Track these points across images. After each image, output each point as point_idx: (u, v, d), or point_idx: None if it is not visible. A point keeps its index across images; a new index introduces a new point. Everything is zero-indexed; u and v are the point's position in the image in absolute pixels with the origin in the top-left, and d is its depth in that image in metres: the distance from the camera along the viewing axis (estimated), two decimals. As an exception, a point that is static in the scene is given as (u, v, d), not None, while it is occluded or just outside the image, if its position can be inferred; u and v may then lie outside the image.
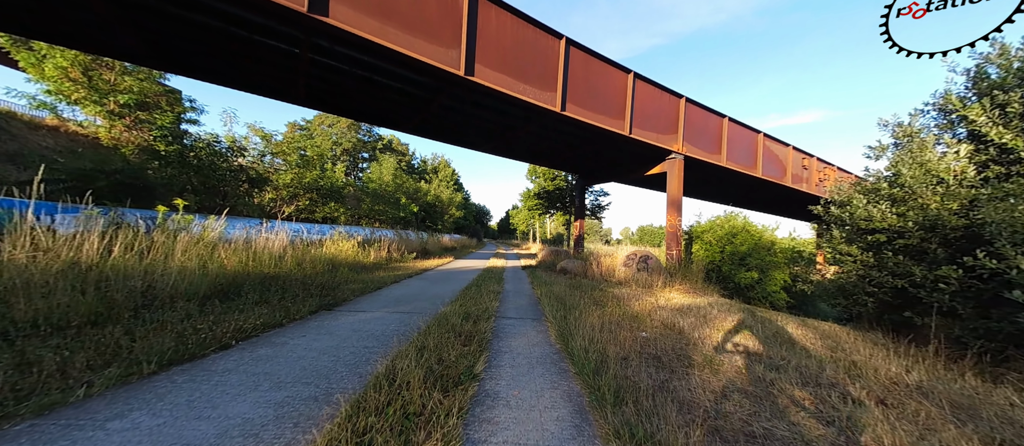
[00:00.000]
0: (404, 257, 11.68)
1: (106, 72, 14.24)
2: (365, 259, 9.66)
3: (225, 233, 8.03)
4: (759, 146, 12.78)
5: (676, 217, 10.17)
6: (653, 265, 8.65)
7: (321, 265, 7.05)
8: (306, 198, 15.14)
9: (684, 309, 5.47)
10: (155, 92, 15.15)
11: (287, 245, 7.64)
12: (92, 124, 14.97)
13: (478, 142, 11.16)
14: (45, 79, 12.88)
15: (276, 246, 7.54)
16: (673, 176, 10.19)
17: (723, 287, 9.71)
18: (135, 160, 9.88)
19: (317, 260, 7.32)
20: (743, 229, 12.27)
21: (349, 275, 7.09)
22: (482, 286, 6.82)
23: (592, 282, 8.26)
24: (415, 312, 4.56)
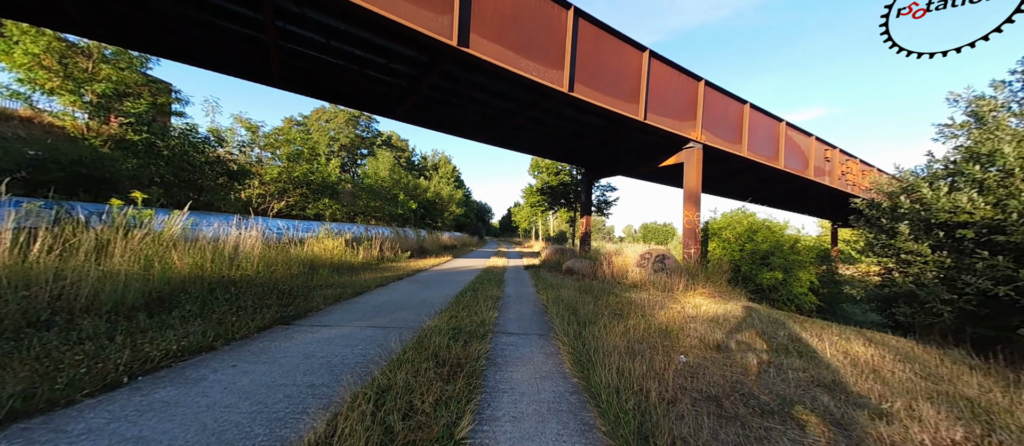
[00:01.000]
0: (398, 256, 10.84)
1: (82, 60, 13.44)
2: (353, 259, 8.81)
3: (191, 230, 7.21)
4: (781, 136, 11.83)
5: (694, 212, 9.25)
6: (671, 265, 7.75)
7: (296, 266, 6.20)
8: (296, 194, 14.31)
9: (719, 320, 4.58)
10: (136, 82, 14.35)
11: (261, 243, 6.79)
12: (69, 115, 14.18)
13: (475, 131, 10.27)
14: (16, 67, 12.08)
15: (249, 245, 6.71)
16: (691, 167, 9.27)
17: (744, 288, 8.79)
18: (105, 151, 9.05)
19: (293, 261, 6.47)
20: (764, 226, 11.36)
21: (328, 278, 6.24)
22: (479, 290, 5.95)
23: (603, 284, 7.37)
24: (394, 326, 3.69)
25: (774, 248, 10.54)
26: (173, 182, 8.85)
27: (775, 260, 10.37)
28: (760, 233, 11.17)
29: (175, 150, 8.79)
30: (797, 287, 10.29)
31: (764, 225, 11.41)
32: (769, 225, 11.44)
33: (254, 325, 3.37)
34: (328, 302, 4.64)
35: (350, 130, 35.28)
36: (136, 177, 8.54)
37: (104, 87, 12.77)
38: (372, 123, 40.64)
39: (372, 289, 5.87)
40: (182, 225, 6.53)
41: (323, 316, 4.01)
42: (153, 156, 8.37)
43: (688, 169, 9.32)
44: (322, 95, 8.00)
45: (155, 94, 15.43)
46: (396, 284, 6.56)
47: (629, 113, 7.74)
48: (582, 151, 12.04)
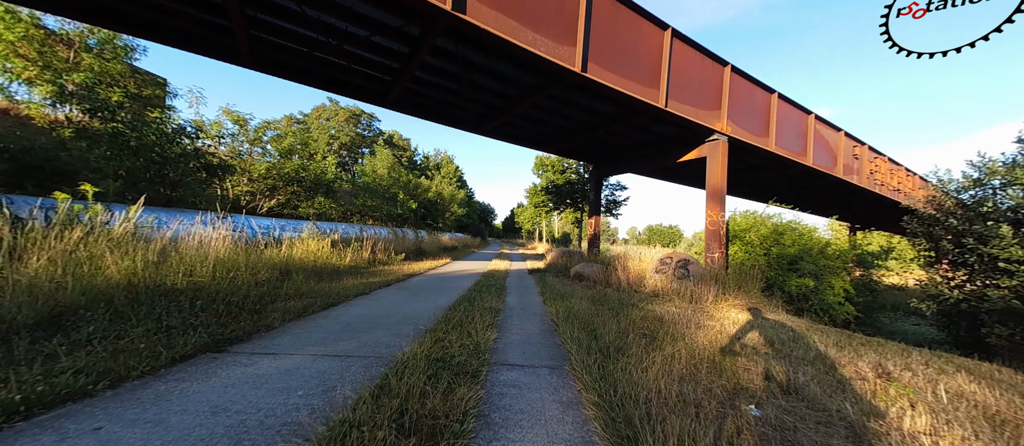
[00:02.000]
0: (391, 259, 9.98)
1: (62, 49, 12.75)
2: (339, 262, 7.96)
3: (155, 228, 6.40)
4: (810, 130, 10.87)
5: (718, 212, 8.32)
6: (696, 272, 6.83)
7: (265, 271, 5.35)
8: (286, 191, 13.50)
9: (774, 343, 3.66)
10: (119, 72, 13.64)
11: (229, 244, 5.96)
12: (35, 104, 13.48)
13: (475, 121, 9.39)
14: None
15: (215, 245, 5.89)
16: (715, 162, 8.33)
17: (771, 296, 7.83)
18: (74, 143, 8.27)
19: (264, 265, 5.61)
20: (790, 227, 10.42)
21: (302, 285, 5.38)
22: (477, 300, 5.06)
23: (619, 294, 6.46)
24: (359, 355, 2.81)
25: (803, 252, 9.59)
26: (143, 176, 8.05)
27: (805, 265, 9.40)
28: (787, 236, 10.24)
29: (143, 141, 7.98)
30: (830, 295, 9.30)
31: (790, 227, 10.49)
32: (796, 227, 10.51)
33: (170, 354, 2.51)
34: (289, 317, 3.77)
35: (351, 128, 34.54)
36: (101, 170, 7.74)
37: (84, 77, 12.05)
38: (374, 122, 39.95)
39: (351, 299, 4.99)
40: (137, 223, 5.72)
41: (273, 338, 3.14)
42: (119, 147, 7.56)
43: (711, 164, 8.38)
44: (300, 77, 7.16)
45: (140, 85, 14.72)
46: (382, 292, 5.68)
47: (649, 99, 6.83)
48: (592, 145, 11.13)
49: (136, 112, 9.86)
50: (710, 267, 7.61)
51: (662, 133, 9.47)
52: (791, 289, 9.22)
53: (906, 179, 16.86)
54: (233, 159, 12.71)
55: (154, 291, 3.69)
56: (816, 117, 11.13)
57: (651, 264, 7.45)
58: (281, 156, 14.43)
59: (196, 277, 4.48)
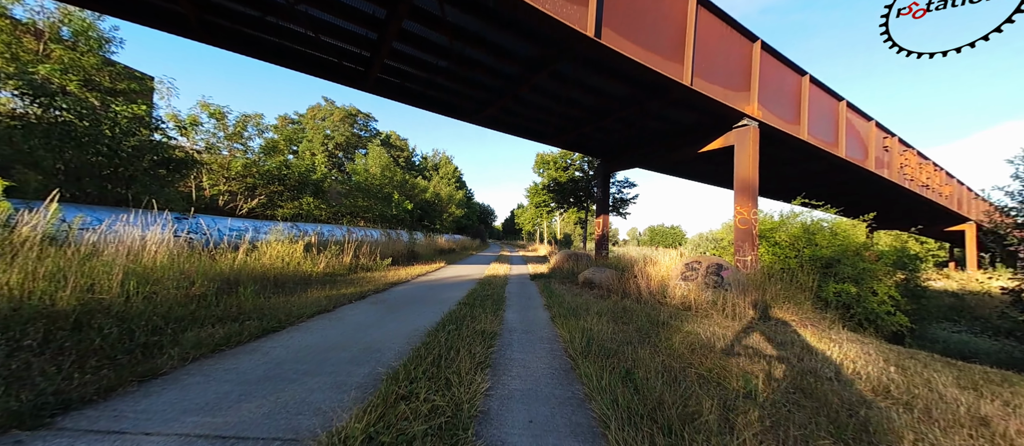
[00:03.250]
0: (377, 264, 8.89)
1: (29, 39, 11.71)
2: (311, 269, 6.87)
3: (80, 230, 5.31)
4: (841, 118, 9.79)
5: (749, 208, 7.23)
6: (733, 279, 5.72)
7: (203, 284, 4.25)
8: (268, 190, 12.43)
9: (885, 388, 2.56)
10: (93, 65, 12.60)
11: (165, 250, 4.88)
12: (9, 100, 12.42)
13: (468, 108, 8.31)
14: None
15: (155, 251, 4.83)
16: (745, 151, 7.25)
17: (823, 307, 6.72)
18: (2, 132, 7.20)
19: (203, 275, 4.52)
20: (821, 226, 9.34)
21: (248, 301, 4.28)
22: (467, 320, 3.97)
23: (641, 306, 5.36)
24: (252, 439, 1.71)
25: (839, 254, 8.48)
26: (92, 171, 6.99)
27: (843, 269, 8.26)
28: (820, 235, 9.15)
29: (94, 132, 6.92)
30: (873, 302, 8.17)
31: (822, 225, 9.41)
32: (830, 225, 9.42)
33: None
34: (200, 353, 2.68)
35: (346, 128, 33.46)
36: (38, 163, 6.68)
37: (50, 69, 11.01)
38: (371, 122, 38.92)
39: (304, 319, 3.90)
40: (55, 224, 4.67)
41: (145, 396, 2.04)
42: (58, 137, 6.50)
43: (741, 154, 7.30)
44: (262, 54, 6.08)
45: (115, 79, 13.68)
46: (349, 309, 4.58)
47: (672, 75, 5.75)
48: (599, 137, 10.03)
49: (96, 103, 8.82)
50: (747, 273, 6.51)
51: (680, 120, 8.39)
52: (828, 296, 8.09)
53: (934, 174, 15.78)
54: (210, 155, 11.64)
55: (21, 316, 2.59)
56: (847, 104, 10.05)
57: (674, 269, 6.35)
58: (263, 153, 13.37)
59: (98, 293, 3.38)
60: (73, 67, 12.14)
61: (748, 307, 4.95)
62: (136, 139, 7.97)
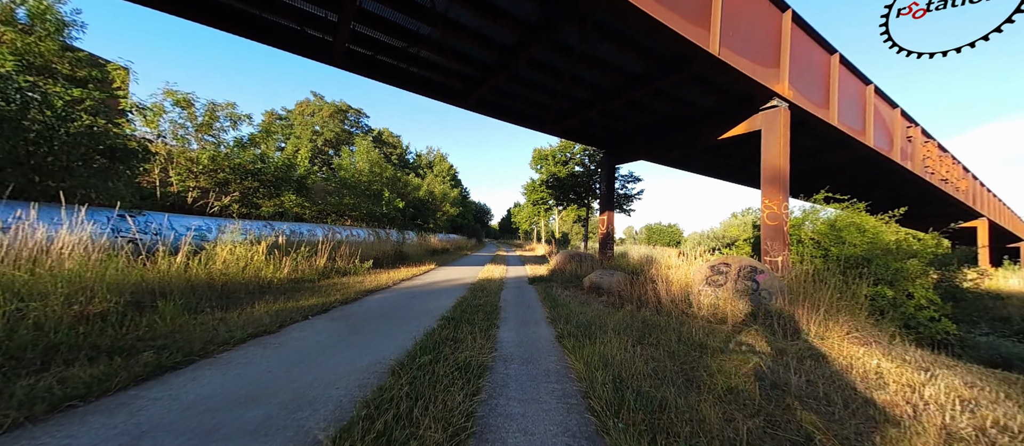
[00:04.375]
0: (356, 267, 7.89)
1: (-28, 21, 10.58)
2: (273, 275, 5.87)
3: None
4: (869, 103, 8.91)
5: (780, 201, 6.32)
6: (771, 286, 4.80)
7: (104, 299, 3.26)
8: (239, 186, 11.36)
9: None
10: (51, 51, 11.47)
11: (89, 252, 3.91)
12: None
13: (455, 89, 7.31)
14: None
15: (69, 254, 3.88)
16: (774, 137, 6.34)
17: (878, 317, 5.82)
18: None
19: (112, 287, 3.53)
20: (850, 222, 8.48)
21: (164, 322, 3.30)
22: (446, 348, 3.02)
23: (663, 318, 4.43)
24: None
25: (871, 253, 7.60)
26: (13, 160, 5.96)
27: (877, 269, 7.36)
28: (846, 231, 8.27)
29: (13, 115, 5.88)
30: (911, 307, 7.28)
31: (850, 221, 8.55)
32: (857, 220, 8.56)
33: None
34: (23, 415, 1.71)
35: (336, 124, 32.25)
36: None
37: (1, 57, 9.90)
38: (362, 118, 37.71)
39: (227, 347, 2.92)
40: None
41: None
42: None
43: (769, 139, 6.38)
44: (212, 19, 5.07)
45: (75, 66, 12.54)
46: (297, 329, 3.60)
47: (696, 40, 4.82)
48: (605, 123, 9.07)
49: (24, 84, 7.72)
50: (783, 276, 5.59)
51: (696, 103, 7.46)
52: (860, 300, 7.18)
53: (952, 167, 15.02)
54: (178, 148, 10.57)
55: None
56: (875, 89, 9.19)
57: (698, 273, 5.42)
58: (238, 146, 12.28)
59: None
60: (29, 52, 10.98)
61: (803, 322, 4.03)
62: (76, 125, 6.92)
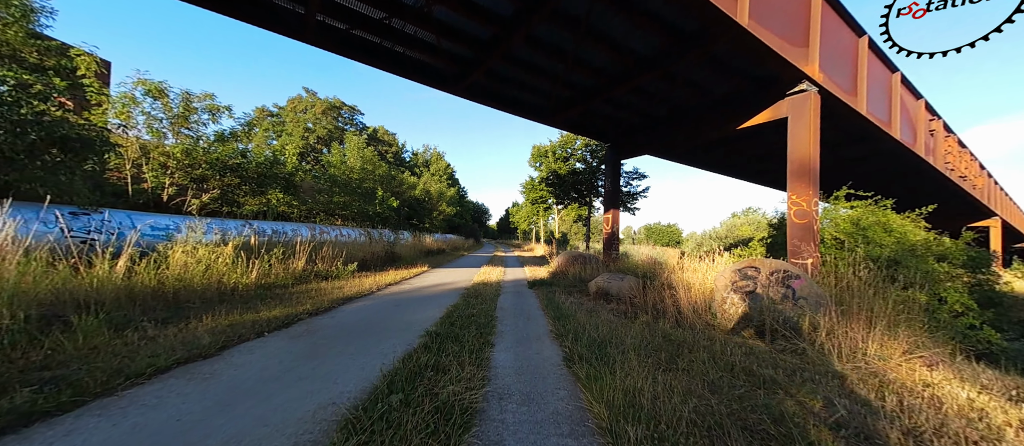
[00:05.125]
0: (339, 271, 7.20)
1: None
2: (241, 279, 5.18)
3: None
4: (895, 92, 8.27)
5: (809, 196, 5.67)
6: (809, 293, 4.14)
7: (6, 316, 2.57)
8: (220, 183, 10.63)
9: None
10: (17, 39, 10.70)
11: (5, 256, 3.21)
12: None
13: (444, 69, 6.61)
14: None
15: None
16: (803, 124, 5.68)
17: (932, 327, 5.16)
18: None
19: (24, 296, 2.84)
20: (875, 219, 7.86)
21: (81, 342, 2.61)
22: (425, 380, 2.35)
23: (684, 330, 3.76)
24: None
25: (899, 253, 6.96)
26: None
27: (908, 272, 6.69)
28: (873, 230, 7.63)
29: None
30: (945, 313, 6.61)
31: (876, 218, 7.92)
32: (882, 218, 7.93)
33: None
34: None
35: (329, 121, 31.45)
36: None
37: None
38: (356, 115, 36.93)
39: (139, 381, 2.24)
40: None
41: None
42: None
43: (797, 128, 5.73)
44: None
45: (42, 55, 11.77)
46: (244, 351, 2.91)
47: (725, 8, 4.14)
48: (610, 112, 8.38)
49: None
50: (823, 283, 4.92)
51: (713, 89, 6.79)
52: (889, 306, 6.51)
53: (970, 164, 14.43)
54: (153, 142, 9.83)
55: None
56: (901, 77, 8.55)
57: (721, 278, 4.75)
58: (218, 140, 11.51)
59: None
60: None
61: (857, 338, 3.37)
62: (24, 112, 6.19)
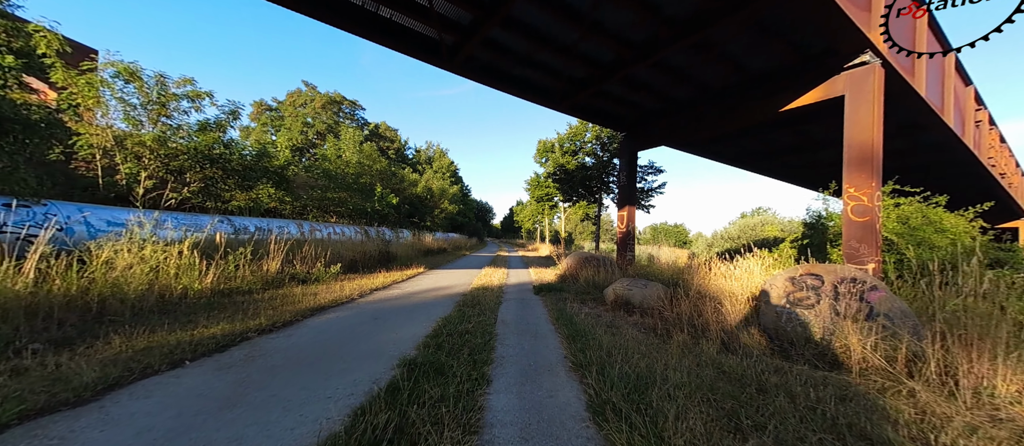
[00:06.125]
0: (320, 273, 6.37)
1: None
2: (192, 285, 4.36)
3: None
4: (949, 76, 7.33)
5: (871, 189, 4.76)
6: (890, 309, 3.26)
7: None
8: (198, 176, 9.85)
9: None
10: None
11: None
12: None
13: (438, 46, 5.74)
14: None
15: None
16: (864, 103, 4.77)
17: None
18: None
19: None
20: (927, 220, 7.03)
21: None
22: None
23: (737, 356, 2.89)
24: None
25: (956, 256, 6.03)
26: None
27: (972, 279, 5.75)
28: (922, 230, 6.79)
29: None
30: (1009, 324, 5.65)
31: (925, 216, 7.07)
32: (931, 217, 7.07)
33: None
34: None
35: (329, 115, 30.69)
36: None
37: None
38: (357, 110, 36.20)
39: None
40: None
41: None
42: None
43: (856, 108, 4.81)
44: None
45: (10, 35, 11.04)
46: (130, 394, 2.08)
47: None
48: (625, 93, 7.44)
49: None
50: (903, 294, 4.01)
51: (753, 64, 5.86)
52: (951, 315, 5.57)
53: (1008, 160, 13.40)
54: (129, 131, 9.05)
55: None
56: (956, 61, 7.61)
57: (773, 288, 3.86)
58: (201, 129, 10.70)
59: None
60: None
61: (964, 366, 2.49)
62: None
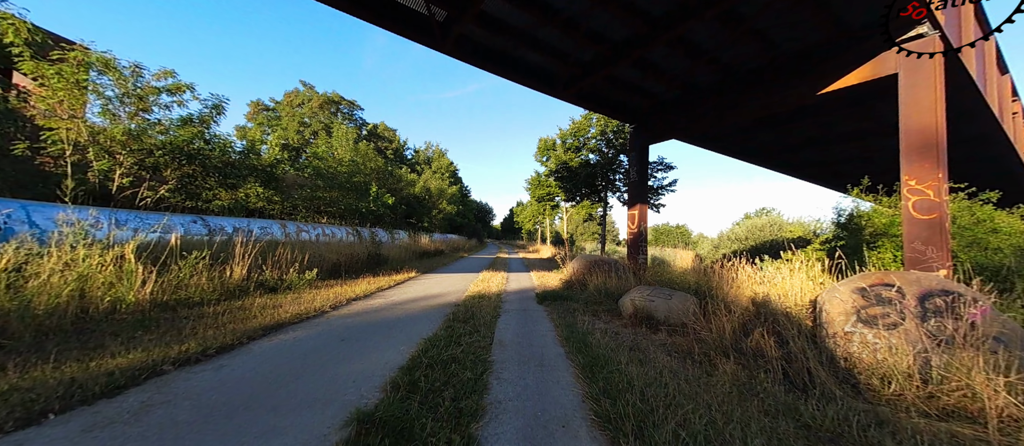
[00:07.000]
0: (293, 280, 5.63)
1: None
2: (126, 296, 3.63)
3: None
4: (990, 62, 6.64)
5: (936, 181, 4.04)
6: (995, 329, 2.53)
7: None
8: (175, 173, 9.12)
9: None
10: None
11: None
12: None
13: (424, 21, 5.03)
14: None
15: None
16: (923, 82, 4.06)
17: None
18: None
19: None
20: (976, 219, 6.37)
21: None
22: None
23: (802, 390, 2.15)
24: None
25: (1020, 261, 5.34)
26: None
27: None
28: (972, 230, 6.12)
29: None
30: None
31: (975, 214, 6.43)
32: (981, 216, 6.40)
33: None
34: None
35: (326, 115, 30.00)
36: None
37: None
38: (355, 111, 35.48)
39: None
40: None
41: None
42: None
43: (913, 87, 4.10)
44: None
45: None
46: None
47: None
48: (636, 78, 6.72)
49: None
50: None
51: (788, 42, 5.14)
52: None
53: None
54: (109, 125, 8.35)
55: None
56: (996, 47, 6.90)
57: (833, 301, 3.12)
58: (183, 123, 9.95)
59: None
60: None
61: None
62: None
